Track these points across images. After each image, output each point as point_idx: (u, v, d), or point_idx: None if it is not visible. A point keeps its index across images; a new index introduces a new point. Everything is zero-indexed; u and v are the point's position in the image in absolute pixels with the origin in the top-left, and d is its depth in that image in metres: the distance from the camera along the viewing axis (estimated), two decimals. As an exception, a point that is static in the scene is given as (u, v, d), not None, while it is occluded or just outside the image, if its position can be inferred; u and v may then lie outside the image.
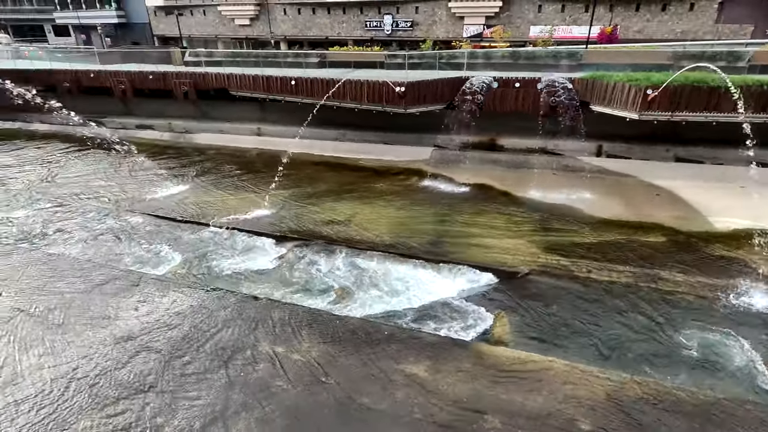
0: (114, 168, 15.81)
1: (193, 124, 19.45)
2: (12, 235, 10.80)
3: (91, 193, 13.47)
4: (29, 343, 6.81)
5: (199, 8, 35.35)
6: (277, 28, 32.72)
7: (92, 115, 21.09)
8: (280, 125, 17.77)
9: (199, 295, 7.98)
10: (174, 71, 18.83)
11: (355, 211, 11.73)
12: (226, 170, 15.30)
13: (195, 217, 11.58)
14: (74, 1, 42.43)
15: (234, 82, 17.33)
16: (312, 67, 17.98)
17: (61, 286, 8.38)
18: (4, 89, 18.05)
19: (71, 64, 21.96)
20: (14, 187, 14.08)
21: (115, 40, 41.26)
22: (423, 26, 28.94)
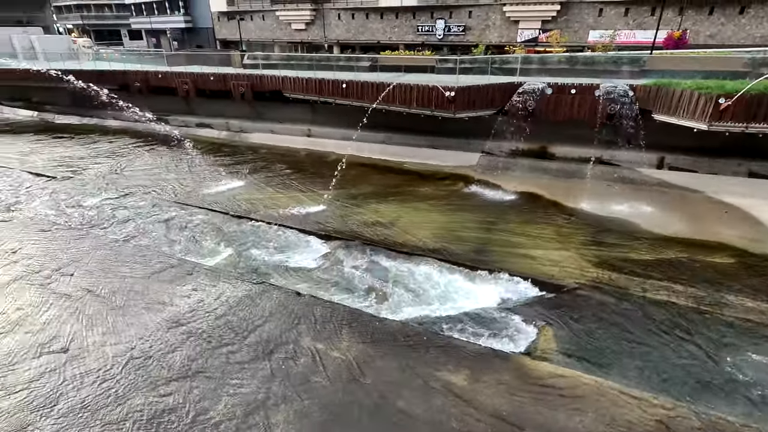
0: (175, 163, 16.84)
1: (248, 123, 20.35)
2: (85, 221, 11.79)
3: (154, 185, 14.41)
4: (94, 321, 7.39)
5: (258, 13, 36.99)
6: (331, 32, 33.57)
7: (158, 113, 22.64)
8: (329, 127, 18.19)
9: (245, 287, 8.32)
10: (233, 73, 19.81)
11: (399, 214, 11.76)
12: (277, 169, 15.86)
13: (246, 212, 12.09)
14: (148, 7, 45.81)
15: (288, 85, 17.94)
16: (363, 71, 18.27)
17: (124, 270, 9.03)
18: (84, 89, 19.80)
19: (142, 65, 23.67)
20: (88, 178, 15.36)
21: (182, 44, 44.07)
22: (476, 31, 28.57)
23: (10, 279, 8.79)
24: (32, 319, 7.50)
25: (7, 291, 8.35)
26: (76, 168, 16.49)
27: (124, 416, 5.53)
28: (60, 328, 7.21)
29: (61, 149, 19.35)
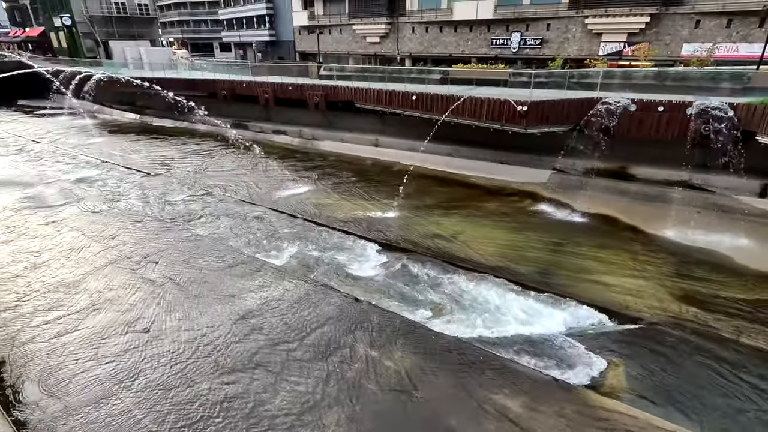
0: (252, 166, 18.03)
1: (319, 131, 21.27)
2: (171, 215, 12.98)
3: (232, 185, 15.52)
4: (173, 307, 8.08)
5: (336, 27, 38.70)
6: (404, 45, 34.19)
7: (240, 119, 24.49)
8: (396, 138, 18.46)
9: (307, 288, 8.63)
10: (309, 84, 20.87)
11: (461, 228, 11.58)
12: (344, 176, 16.36)
13: (312, 216, 12.59)
14: (238, 23, 49.90)
15: (360, 95, 18.52)
16: (433, 84, 18.34)
17: (201, 262, 9.79)
18: (178, 95, 21.92)
19: (229, 75, 25.74)
20: (176, 175, 16.92)
21: (265, 55, 47.33)
22: (553, 44, 27.57)
23: (107, 262, 9.90)
24: (122, 299, 8.37)
25: (104, 272, 9.42)
26: (167, 166, 18.26)
27: (191, 398, 5.96)
28: (144, 310, 7.98)
29: (156, 149, 21.53)
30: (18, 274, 9.44)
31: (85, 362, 6.67)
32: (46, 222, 12.29)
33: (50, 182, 16.07)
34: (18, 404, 5.94)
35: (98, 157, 19.73)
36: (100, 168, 18.14)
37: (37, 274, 9.45)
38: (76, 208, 13.28)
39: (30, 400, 6.00)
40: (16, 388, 6.22)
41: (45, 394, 6.08)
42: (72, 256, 10.26)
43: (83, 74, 29.56)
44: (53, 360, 6.74)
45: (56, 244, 10.87)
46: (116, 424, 5.55)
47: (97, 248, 10.59)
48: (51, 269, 9.64)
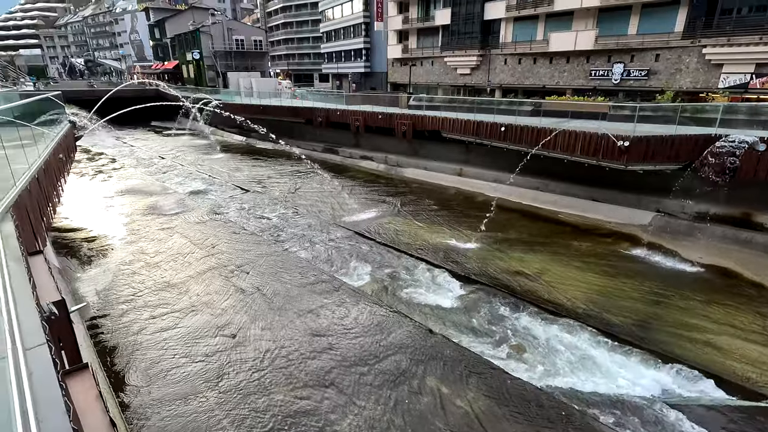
0: (338, 189, 18.93)
1: (404, 159, 21.76)
2: (264, 230, 14.05)
3: (319, 206, 16.40)
4: (258, 317, 8.63)
5: (428, 59, 39.83)
6: (495, 77, 33.99)
7: (331, 144, 26.04)
8: (482, 168, 18.18)
9: (382, 313, 8.68)
10: (399, 113, 21.59)
11: (546, 267, 10.89)
12: (425, 204, 16.44)
13: (391, 241, 12.77)
14: (337, 55, 53.82)
15: (447, 125, 18.69)
16: (524, 115, 17.88)
17: (286, 277, 10.39)
18: (278, 121, 23.94)
19: (325, 103, 27.67)
20: (273, 194, 18.36)
21: (359, 86, 50.18)
22: (662, 75, 25.39)
23: (207, 268, 10.96)
24: (216, 304, 9.16)
25: (204, 277, 10.42)
26: (264, 184, 19.92)
27: (265, 407, 6.24)
28: (233, 316, 8.63)
29: (256, 168, 23.66)
30: (136, 272, 10.83)
31: (180, 358, 7.36)
32: (162, 228, 14.04)
33: (169, 193, 18.41)
34: (124, 387, 6.71)
35: (208, 173, 22.21)
36: (209, 183, 20.37)
37: (150, 273, 10.76)
38: (187, 218, 14.99)
39: (133, 386, 6.75)
40: (124, 373, 7.05)
41: (145, 383, 6.79)
42: (179, 259, 11.53)
43: (204, 100, 33.89)
44: (155, 352, 7.54)
45: (168, 248, 12.32)
46: (200, 421, 5.99)
47: (200, 254, 11.79)
48: (161, 270, 10.92)
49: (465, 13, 34.91)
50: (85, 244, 12.64)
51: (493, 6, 33.15)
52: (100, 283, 10.19)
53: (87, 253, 12.00)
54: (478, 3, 33.77)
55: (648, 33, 25.30)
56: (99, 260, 11.61)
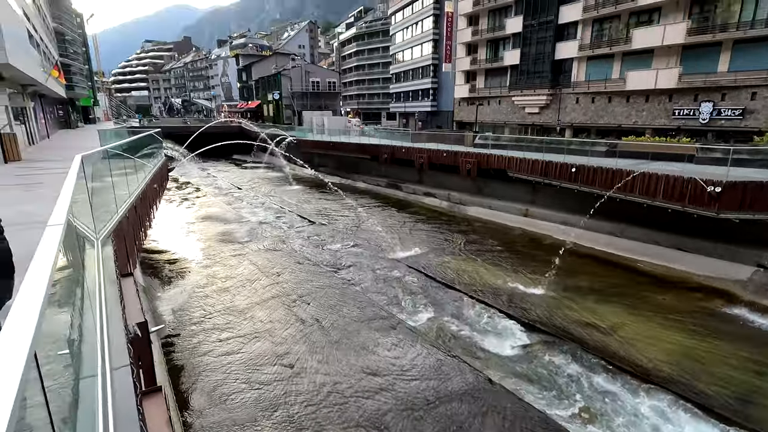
0: (400, 224, 19.08)
1: (467, 197, 21.51)
2: (327, 262, 14.43)
3: (380, 241, 16.57)
4: (315, 349, 8.73)
5: (495, 99, 39.84)
6: (565, 116, 33.03)
7: (395, 180, 26.53)
8: (549, 210, 17.40)
9: (440, 356, 8.38)
10: (464, 151, 21.60)
11: (621, 321, 9.94)
12: (489, 244, 15.97)
13: (452, 281, 12.47)
14: (405, 95, 55.76)
15: (513, 164, 18.31)
16: (597, 156, 17.04)
17: (345, 310, 10.48)
18: (346, 157, 24.97)
19: (391, 141, 28.49)
20: (337, 226, 18.94)
21: (425, 124, 51.25)
22: (761, 114, 23.03)
23: (271, 296, 11.41)
24: (277, 332, 9.43)
25: (267, 305, 10.84)
26: (329, 217, 20.64)
27: (318, 444, 6.17)
28: (292, 346, 8.81)
29: (323, 201, 24.65)
30: (208, 295, 11.55)
31: (241, 383, 7.60)
32: (234, 254, 14.96)
33: (242, 221, 19.71)
34: (189, 409, 7.03)
35: (279, 204, 23.52)
36: (279, 213, 21.53)
37: (220, 296, 11.42)
38: (256, 246, 15.87)
39: (197, 408, 7.04)
40: (189, 394, 7.40)
41: (208, 405, 7.07)
42: (247, 285, 12.14)
43: (280, 136, 36.48)
44: (219, 375, 7.86)
45: (238, 274, 13.05)
46: (254, 450, 6.06)
47: (266, 282, 12.33)
48: (230, 294, 11.55)
49: (535, 53, 34.78)
50: (167, 266, 13.79)
51: (565, 46, 32.73)
52: (176, 303, 10.98)
53: (168, 274, 13.06)
54: (549, 43, 33.53)
55: (742, 70, 23.36)
56: (177, 281, 12.57)
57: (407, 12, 53.59)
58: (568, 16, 32.22)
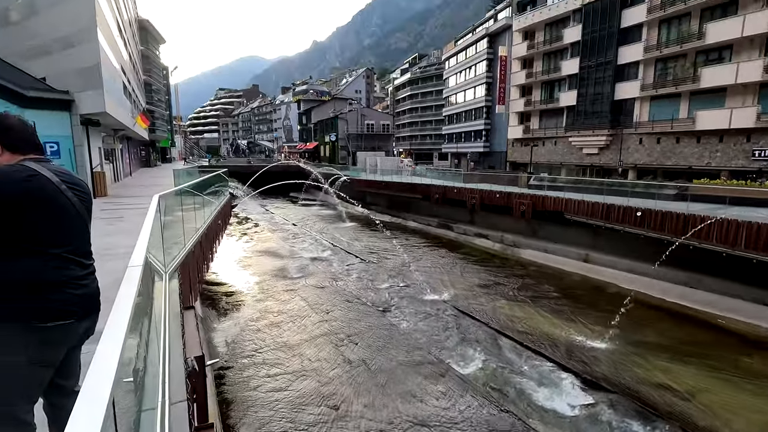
0: (451, 266, 18.72)
1: (521, 239, 20.78)
2: (375, 301, 14.36)
3: (431, 281, 16.29)
4: (361, 391, 8.54)
5: (551, 139, 39.08)
6: (628, 156, 31.53)
7: (446, 220, 26.34)
8: (612, 255, 16.30)
9: (492, 410, 7.87)
10: (517, 192, 21.14)
11: (702, 385, 8.85)
12: (544, 289, 15.16)
13: (505, 328, 11.86)
14: (457, 136, 56.32)
15: (571, 207, 17.58)
16: (665, 200, 15.94)
17: (393, 353, 10.26)
18: (397, 196, 25.29)
19: (443, 181, 28.59)
20: (387, 265, 18.94)
21: (477, 164, 51.10)
22: None
23: (320, 333, 11.46)
24: (324, 371, 9.38)
25: (316, 342, 10.88)
26: (379, 255, 20.74)
27: (361, 496, 5.89)
28: (338, 387, 8.69)
29: (373, 240, 24.89)
30: (260, 329, 11.83)
31: (287, 422, 7.55)
32: (287, 289, 15.34)
33: (296, 257, 20.31)
34: (235, 443, 7.06)
35: (331, 241, 24.07)
36: (331, 250, 21.98)
37: (271, 331, 11.65)
38: (308, 281, 16.20)
39: (243, 443, 7.05)
40: (237, 429, 7.45)
41: (253, 442, 7.05)
42: (297, 321, 12.32)
43: (334, 175, 37.91)
44: (266, 412, 7.88)
45: (289, 309, 13.31)
46: (296, 496, 5.90)
47: (315, 319, 12.45)
48: (281, 329, 11.75)
49: (593, 93, 34.09)
50: (224, 298, 14.39)
51: (626, 86, 31.83)
52: (230, 335, 11.33)
53: (224, 306, 13.60)
54: (608, 84, 32.80)
55: (834, 108, 21.38)
56: (232, 313, 13.03)
57: (461, 57, 55.11)
58: (627, 57, 31.54)
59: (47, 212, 2.01)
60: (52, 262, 2.00)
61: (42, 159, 2.16)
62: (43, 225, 1.99)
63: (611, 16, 31.98)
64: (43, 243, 2.00)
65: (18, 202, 1.92)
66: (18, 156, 2.10)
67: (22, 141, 2.13)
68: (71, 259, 2.06)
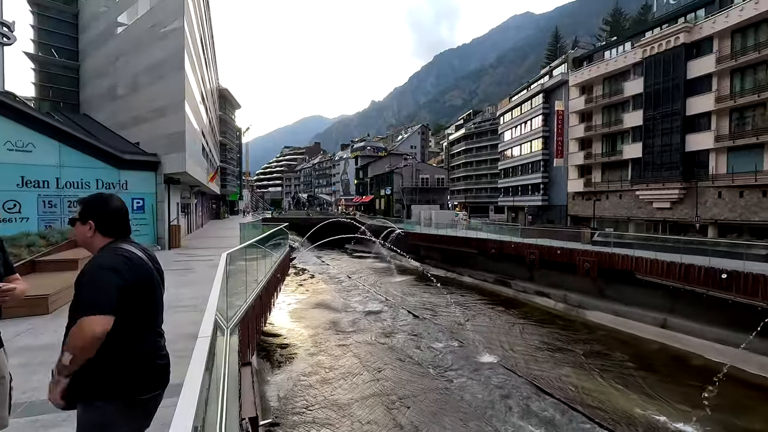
0: (509, 326, 17.70)
1: (587, 299, 19.33)
2: (428, 361, 13.79)
3: (488, 343, 15.43)
4: (413, 462, 7.99)
5: (615, 193, 37.17)
6: (705, 211, 29.02)
7: (503, 276, 25.32)
8: (696, 322, 14.59)
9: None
10: (581, 249, 20.02)
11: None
12: (617, 358, 13.76)
13: (571, 400, 10.79)
14: (514, 190, 55.41)
15: (642, 266, 16.27)
16: (756, 260, 14.29)
17: (445, 420, 9.63)
18: (452, 250, 24.90)
19: (499, 235, 27.86)
20: (441, 323, 18.32)
21: (535, 218, 49.46)
22: None
23: (371, 393, 11.10)
24: (374, 436, 8.96)
25: (367, 403, 10.53)
26: (433, 312, 20.17)
27: None
28: (389, 456, 8.21)
29: (428, 295, 24.38)
30: (311, 385, 11.71)
31: (334, 491, 7.19)
32: (339, 344, 15.23)
33: (349, 311, 20.31)
34: None
35: (384, 295, 23.90)
36: (384, 305, 21.77)
37: (322, 388, 11.48)
38: (361, 337, 16.01)
39: None
40: (285, 493, 7.20)
41: None
42: (348, 379, 12.07)
43: (389, 228, 38.36)
44: (314, 477, 7.58)
45: (341, 365, 13.13)
46: None
47: (367, 377, 12.13)
48: (332, 387, 11.55)
49: (660, 145, 32.50)
50: (279, 350, 14.55)
51: (697, 137, 30.11)
52: (282, 390, 11.31)
53: (278, 359, 13.72)
54: (676, 134, 31.22)
55: None
56: (285, 366, 13.08)
57: (515, 112, 55.54)
58: (697, 107, 30.08)
59: (153, 293, 2.21)
60: (153, 337, 2.18)
61: (130, 240, 2.28)
62: (152, 304, 2.20)
63: (675, 68, 31.04)
64: (151, 320, 2.20)
65: (142, 286, 2.12)
66: (107, 239, 2.19)
67: (118, 228, 2.23)
68: (160, 332, 2.25)
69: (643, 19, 65.98)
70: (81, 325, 1.87)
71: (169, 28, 18.82)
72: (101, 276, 1.96)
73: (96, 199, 2.24)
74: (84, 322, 1.86)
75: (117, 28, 22.44)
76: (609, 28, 76.70)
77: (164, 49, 18.86)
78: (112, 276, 1.96)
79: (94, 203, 2.22)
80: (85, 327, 1.86)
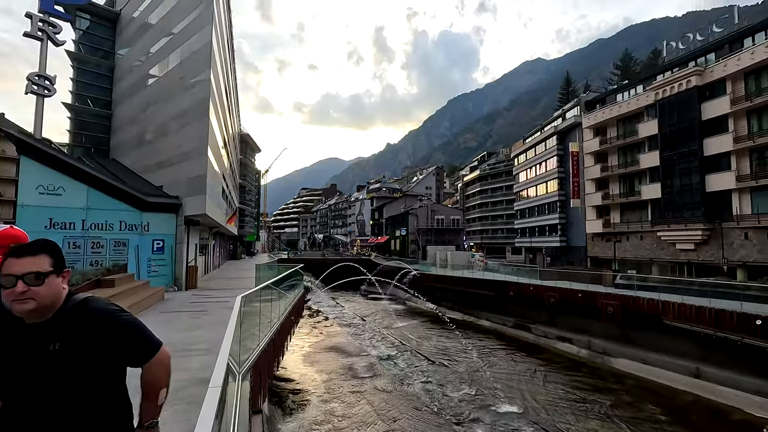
0: (530, 374, 16.91)
1: (613, 346, 18.45)
2: (445, 410, 13.16)
3: (507, 392, 14.71)
4: None
5: (636, 234, 36.36)
6: (733, 253, 28.00)
7: (522, 319, 24.51)
8: (732, 372, 13.71)
9: None
10: (603, 292, 19.36)
11: None
12: (647, 410, 12.90)
13: (601, 457, 10.05)
14: (531, 231, 54.75)
15: (669, 311, 15.58)
16: (791, 305, 13.53)
17: (466, 477, 9.02)
18: (468, 292, 24.38)
19: (517, 277, 27.24)
20: (458, 369, 17.63)
21: (554, 259, 48.40)
22: None
23: (385, 445, 10.55)
24: (389, 493, 8.42)
25: (381, 456, 9.99)
26: (450, 358, 19.47)
27: None
28: None
29: (444, 339, 23.65)
30: (324, 434, 11.23)
31: None
32: (352, 390, 14.73)
33: (363, 355, 19.77)
34: None
35: (399, 339, 23.28)
36: (398, 349, 21.16)
37: (335, 438, 10.98)
38: (375, 383, 15.47)
39: None
40: None
41: None
42: (362, 429, 11.55)
43: (404, 269, 38.00)
44: None
45: (354, 413, 12.62)
46: None
47: (381, 428, 11.59)
48: (345, 437, 11.04)
49: (680, 185, 32.05)
50: (290, 396, 14.12)
51: (718, 177, 29.66)
52: (293, 440, 10.86)
53: (290, 405, 13.28)
54: (696, 174, 30.84)
55: None
56: (297, 413, 12.63)
57: (530, 154, 55.97)
58: (715, 148, 29.87)
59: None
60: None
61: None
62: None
63: (689, 109, 31.16)
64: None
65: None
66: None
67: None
68: None
69: (653, 64, 67.23)
70: (161, 359, 1.85)
71: (196, 79, 20.00)
72: (126, 316, 1.84)
73: (53, 243, 1.83)
74: (162, 354, 1.85)
75: (149, 80, 23.96)
76: (620, 72, 78.31)
77: (191, 99, 19.96)
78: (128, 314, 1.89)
79: (56, 246, 1.82)
80: (164, 359, 1.87)
